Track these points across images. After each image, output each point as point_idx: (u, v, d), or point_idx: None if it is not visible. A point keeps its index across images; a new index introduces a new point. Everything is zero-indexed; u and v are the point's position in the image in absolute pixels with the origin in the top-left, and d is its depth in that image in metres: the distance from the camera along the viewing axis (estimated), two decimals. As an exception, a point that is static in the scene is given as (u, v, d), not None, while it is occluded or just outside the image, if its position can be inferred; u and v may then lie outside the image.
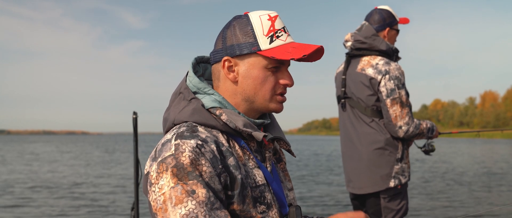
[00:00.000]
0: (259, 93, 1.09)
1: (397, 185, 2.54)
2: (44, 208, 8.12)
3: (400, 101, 2.49)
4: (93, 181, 12.41)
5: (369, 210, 2.63)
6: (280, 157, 1.24)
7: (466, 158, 21.86)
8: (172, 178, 0.95)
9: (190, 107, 1.08)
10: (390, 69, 2.50)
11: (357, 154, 2.63)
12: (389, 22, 2.66)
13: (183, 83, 1.15)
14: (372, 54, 2.59)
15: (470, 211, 7.37)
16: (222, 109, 1.09)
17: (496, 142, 49.12)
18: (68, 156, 26.00)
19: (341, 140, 2.81)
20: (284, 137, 1.17)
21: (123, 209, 7.90)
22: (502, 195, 9.30)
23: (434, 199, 8.73)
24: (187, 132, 1.01)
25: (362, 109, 2.59)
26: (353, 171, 2.67)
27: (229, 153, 1.03)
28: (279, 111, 1.13)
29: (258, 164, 1.10)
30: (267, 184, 1.10)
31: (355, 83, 2.60)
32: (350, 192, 2.78)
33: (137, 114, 3.58)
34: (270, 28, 1.07)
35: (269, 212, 1.07)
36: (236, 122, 1.06)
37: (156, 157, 1.00)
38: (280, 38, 1.07)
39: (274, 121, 1.23)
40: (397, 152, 2.55)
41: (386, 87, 2.49)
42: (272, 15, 1.09)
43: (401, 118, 2.48)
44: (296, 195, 2.90)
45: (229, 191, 1.00)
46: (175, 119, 1.09)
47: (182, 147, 0.97)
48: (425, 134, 2.59)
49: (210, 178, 0.96)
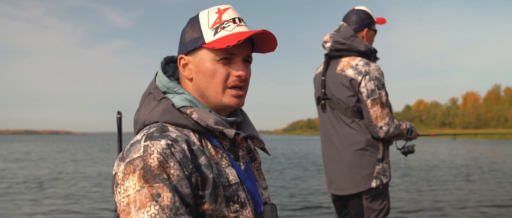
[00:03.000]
0: (211, 86, 1.07)
1: (379, 185, 2.55)
2: (26, 207, 7.98)
3: (380, 102, 2.50)
4: (74, 178, 12.24)
5: (351, 211, 2.64)
6: (254, 156, 1.24)
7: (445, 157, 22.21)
8: (138, 181, 0.93)
9: (160, 107, 1.07)
10: (370, 70, 2.51)
11: (338, 155, 2.63)
12: (367, 22, 2.67)
13: (153, 83, 1.14)
14: (351, 55, 2.59)
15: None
16: (193, 108, 1.08)
17: (477, 142, 50.03)
18: (59, 154, 25.58)
19: (322, 141, 2.81)
20: (257, 134, 1.17)
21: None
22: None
23: (416, 201, 8.87)
24: (156, 132, 1.00)
25: (343, 110, 2.59)
26: (334, 172, 2.66)
27: (201, 152, 1.03)
28: (234, 105, 1.09)
29: (231, 163, 1.10)
30: (241, 183, 1.09)
31: (335, 85, 2.60)
32: (332, 193, 2.78)
33: (121, 113, 3.56)
34: (216, 20, 1.07)
35: (243, 211, 1.06)
36: (207, 120, 1.06)
37: (124, 157, 0.99)
38: (226, 29, 1.06)
39: (247, 119, 1.22)
40: (378, 152, 2.57)
41: (366, 88, 2.49)
42: (223, 8, 1.09)
43: (381, 118, 2.49)
44: (270, 194, 2.90)
45: (201, 191, 1.00)
46: (145, 119, 1.08)
47: (151, 149, 0.96)
48: (404, 134, 2.61)
49: (178, 181, 0.95)
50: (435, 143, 45.32)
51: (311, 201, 8.52)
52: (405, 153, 2.75)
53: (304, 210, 7.63)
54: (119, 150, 3.62)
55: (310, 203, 8.32)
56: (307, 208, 7.80)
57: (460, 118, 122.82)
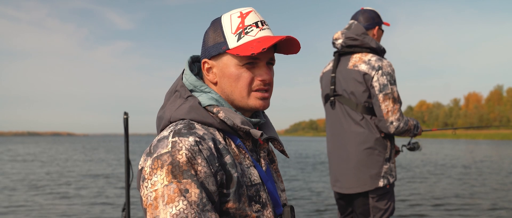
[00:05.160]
0: (236, 91, 1.09)
1: (386, 184, 2.56)
2: (35, 211, 8.00)
3: (392, 97, 2.51)
4: (82, 181, 12.27)
5: (357, 210, 2.64)
6: (272, 158, 1.25)
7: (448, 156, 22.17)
8: (167, 176, 0.94)
9: (187, 105, 1.08)
10: (383, 65, 2.53)
11: (346, 153, 2.63)
12: (377, 21, 2.72)
13: (179, 81, 1.15)
14: (363, 52, 2.62)
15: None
16: (219, 107, 1.09)
17: (479, 142, 49.92)
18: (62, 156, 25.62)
19: (328, 139, 2.81)
20: (278, 137, 1.18)
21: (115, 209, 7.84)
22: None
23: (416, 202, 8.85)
24: (184, 129, 1.01)
25: (353, 106, 2.59)
26: (340, 170, 2.66)
27: (226, 151, 1.03)
28: (260, 107, 1.11)
29: (253, 163, 1.10)
30: (262, 184, 1.10)
31: (347, 80, 2.60)
32: (336, 192, 2.77)
33: (128, 114, 3.55)
34: (239, 25, 1.07)
35: (264, 211, 1.07)
36: (234, 119, 1.07)
37: (151, 152, 0.99)
38: (249, 34, 1.07)
39: (268, 121, 1.23)
40: (386, 152, 2.58)
41: (379, 82, 2.51)
42: (245, 11, 1.09)
43: (392, 113, 2.50)
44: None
45: (225, 189, 1.00)
46: (171, 116, 1.08)
47: (179, 145, 0.96)
48: (412, 130, 2.63)
49: (205, 178, 0.96)
50: (436, 144, 45.21)
51: (318, 202, 8.51)
52: (411, 149, 2.80)
53: (315, 211, 7.62)
54: (127, 150, 3.62)
55: (316, 204, 8.31)
56: (318, 211, 7.79)
57: (462, 119, 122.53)
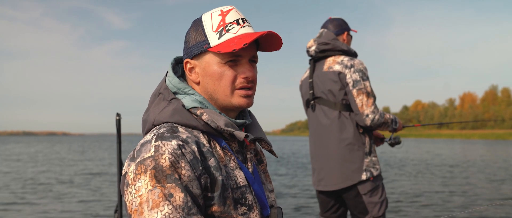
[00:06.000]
0: (219, 89, 1.08)
1: (369, 177, 2.68)
2: (26, 210, 7.96)
3: (365, 92, 2.67)
4: (75, 181, 12.22)
5: (354, 210, 2.76)
6: (261, 158, 1.24)
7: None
8: (150, 180, 0.93)
9: (171, 107, 1.07)
10: (355, 64, 2.72)
11: (327, 151, 2.78)
12: (345, 27, 2.93)
13: (163, 83, 1.14)
14: (336, 54, 2.80)
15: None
16: (203, 109, 1.08)
17: (473, 142, 50.22)
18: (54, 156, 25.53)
19: (311, 142, 2.96)
20: (265, 137, 1.17)
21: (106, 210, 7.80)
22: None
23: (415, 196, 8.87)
24: (167, 133, 1.00)
25: (332, 105, 2.75)
26: (324, 169, 2.80)
27: (210, 154, 1.02)
28: (244, 105, 1.09)
29: (239, 165, 1.09)
30: (249, 185, 1.09)
31: (324, 82, 2.78)
32: (319, 190, 2.89)
33: (120, 115, 3.55)
34: (220, 23, 1.07)
35: (250, 213, 1.06)
36: (217, 121, 1.06)
37: (134, 157, 0.98)
38: (231, 31, 1.06)
39: (255, 121, 1.22)
40: (365, 146, 2.73)
41: (352, 78, 2.68)
42: (226, 9, 1.08)
43: (367, 106, 2.66)
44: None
45: (210, 193, 0.99)
46: (155, 119, 1.07)
47: (162, 149, 0.95)
48: (389, 124, 2.77)
49: (189, 181, 0.95)
50: (433, 143, 45.43)
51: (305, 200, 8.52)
52: (392, 144, 2.92)
53: (301, 209, 7.63)
54: (119, 151, 3.60)
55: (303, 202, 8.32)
56: (302, 207, 7.80)
57: (457, 118, 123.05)
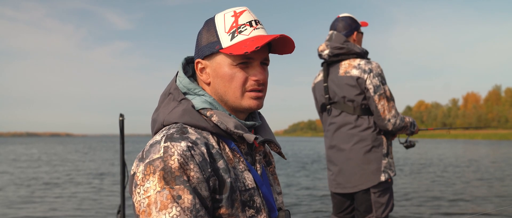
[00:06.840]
0: (229, 91, 1.07)
1: (387, 178, 2.69)
2: (28, 209, 7.97)
3: (386, 96, 2.67)
4: (78, 181, 12.24)
5: (360, 208, 2.73)
6: (269, 160, 1.23)
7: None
8: (159, 182, 0.92)
9: (180, 108, 1.06)
10: (373, 68, 2.69)
11: (345, 155, 2.75)
12: (354, 26, 2.85)
13: (173, 83, 1.13)
14: (350, 58, 2.75)
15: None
16: (213, 110, 1.07)
17: (476, 142, 50.06)
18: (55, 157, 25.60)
19: (327, 145, 2.91)
20: (274, 139, 1.16)
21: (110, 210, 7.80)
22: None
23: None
24: (177, 134, 0.99)
25: (350, 110, 2.72)
26: (343, 172, 2.77)
27: (219, 156, 1.01)
28: (254, 107, 1.08)
29: (248, 167, 1.08)
30: (257, 188, 1.08)
31: (340, 87, 2.74)
32: (335, 193, 2.85)
33: (123, 116, 3.55)
34: (233, 24, 1.05)
35: (258, 216, 1.05)
36: (227, 123, 1.05)
37: (143, 158, 0.97)
38: (243, 33, 1.05)
39: (265, 123, 1.21)
40: (383, 148, 2.72)
41: (372, 84, 2.66)
42: (239, 11, 1.07)
43: (388, 111, 2.66)
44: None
45: (218, 195, 0.99)
46: (164, 120, 1.07)
47: (171, 150, 0.95)
48: (408, 127, 2.77)
49: (198, 183, 0.94)
50: (435, 144, 45.33)
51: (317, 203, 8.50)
52: (407, 146, 2.95)
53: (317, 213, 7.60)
54: (122, 152, 3.59)
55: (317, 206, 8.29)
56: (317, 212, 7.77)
57: (460, 119, 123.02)
